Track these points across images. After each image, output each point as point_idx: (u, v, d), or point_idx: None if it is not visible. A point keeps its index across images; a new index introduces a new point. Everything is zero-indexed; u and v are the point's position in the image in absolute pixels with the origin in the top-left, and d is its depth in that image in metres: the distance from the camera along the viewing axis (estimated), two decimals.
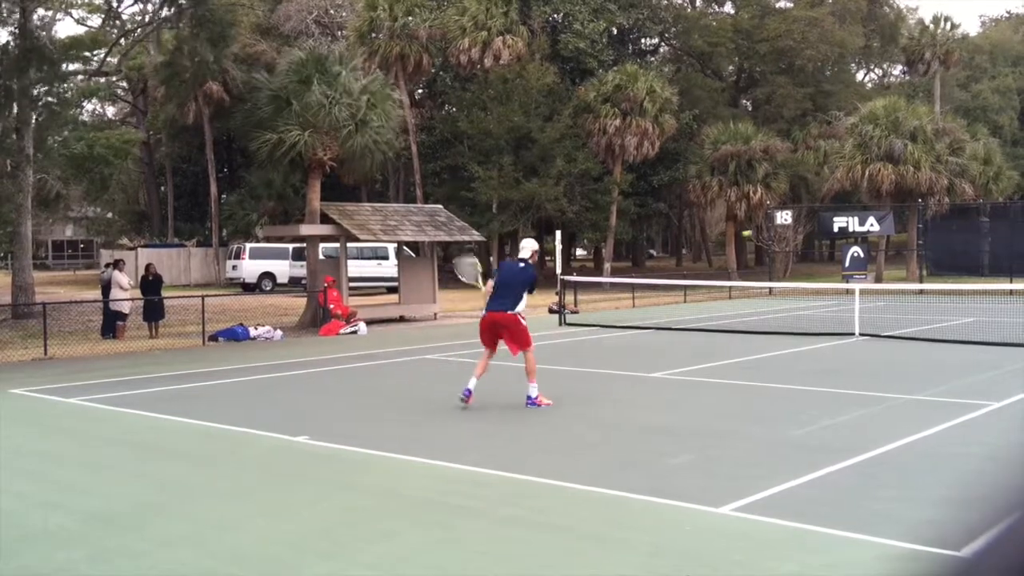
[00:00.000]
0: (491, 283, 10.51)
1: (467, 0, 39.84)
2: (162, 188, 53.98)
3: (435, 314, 24.26)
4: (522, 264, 10.48)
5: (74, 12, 51.15)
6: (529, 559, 5.31)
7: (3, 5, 23.92)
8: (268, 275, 38.50)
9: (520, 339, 10.10)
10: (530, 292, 10.31)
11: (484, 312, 10.34)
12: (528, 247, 10.71)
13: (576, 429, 9.16)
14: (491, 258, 44.50)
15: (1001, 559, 0.95)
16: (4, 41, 24.09)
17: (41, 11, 24.83)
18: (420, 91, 47.46)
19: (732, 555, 5.31)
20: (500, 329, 10.16)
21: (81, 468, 7.96)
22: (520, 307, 10.15)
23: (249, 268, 38.28)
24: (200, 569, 5.23)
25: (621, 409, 10.37)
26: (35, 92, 23.87)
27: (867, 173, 37.70)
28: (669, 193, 49.48)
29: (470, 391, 10.08)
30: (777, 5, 53.86)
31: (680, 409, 10.40)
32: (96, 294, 24.02)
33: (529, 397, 10.11)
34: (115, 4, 38.83)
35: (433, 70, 43.17)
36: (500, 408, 10.60)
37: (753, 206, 39.67)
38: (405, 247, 28.01)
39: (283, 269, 38.70)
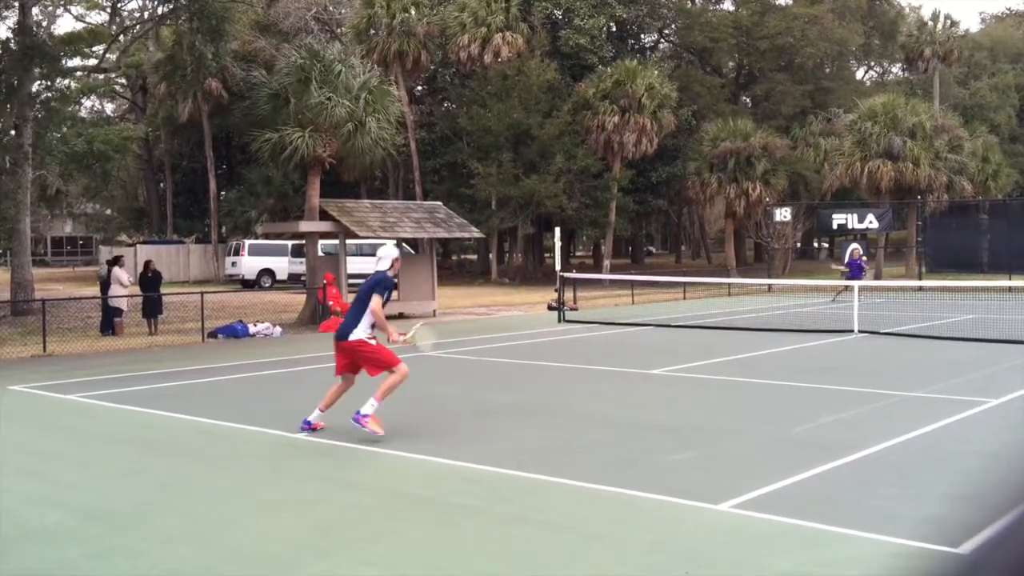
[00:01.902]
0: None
1: None
2: (161, 185, 53.98)
3: (434, 311, 24.25)
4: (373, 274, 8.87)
5: (73, 9, 51.18)
6: (528, 557, 5.31)
7: (1, 2, 23.89)
8: (267, 272, 38.50)
9: (374, 362, 8.68)
10: (384, 301, 8.78)
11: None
12: (386, 256, 8.94)
13: (575, 426, 9.16)
14: (490, 255, 44.52)
15: (1002, 556, 0.95)
16: (4, 38, 24.05)
17: (37, 10, 24.77)
18: (419, 88, 47.44)
19: (731, 552, 5.31)
20: (351, 355, 8.81)
21: (79, 465, 7.95)
22: (361, 329, 8.70)
23: (248, 265, 38.27)
24: (199, 566, 5.23)
25: (620, 406, 10.37)
26: (34, 89, 23.84)
27: (866, 170, 37.71)
28: (668, 190, 49.48)
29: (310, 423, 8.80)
30: (777, 2, 53.83)
31: (679, 406, 10.40)
32: (95, 291, 24.01)
33: (359, 412, 8.40)
34: (116, 1, 38.81)
35: (432, 67, 43.15)
36: (499, 406, 10.61)
37: (752, 203, 39.66)
38: (404, 244, 28.00)
39: (282, 266, 38.69)
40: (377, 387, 8.53)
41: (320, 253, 24.29)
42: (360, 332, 8.72)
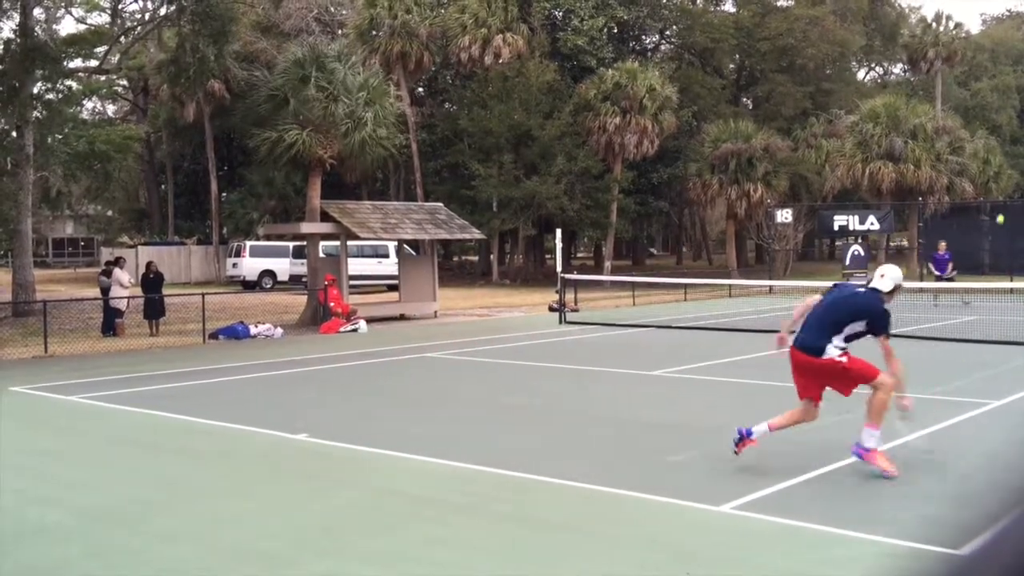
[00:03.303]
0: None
1: None
2: (162, 186, 54.00)
3: (435, 312, 24.25)
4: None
5: (74, 11, 51.21)
6: (527, 556, 5.31)
7: (4, 3, 23.91)
8: (268, 273, 38.51)
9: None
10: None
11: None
12: (892, 277, 7.48)
13: (575, 427, 9.16)
14: (492, 256, 44.51)
15: (1000, 558, 0.95)
16: (6, 39, 24.09)
17: (39, 11, 24.80)
18: (421, 89, 47.45)
19: (731, 553, 5.31)
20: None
21: (80, 465, 7.96)
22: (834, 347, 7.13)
23: (249, 266, 38.28)
24: (199, 565, 5.23)
25: (621, 407, 10.36)
26: (36, 90, 23.87)
27: (867, 171, 37.74)
28: (669, 191, 49.46)
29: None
30: (778, 4, 53.84)
31: (680, 407, 10.40)
32: (96, 292, 24.02)
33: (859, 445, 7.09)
34: (116, 2, 38.84)
35: (434, 68, 43.14)
36: (500, 407, 10.61)
37: (753, 204, 39.66)
38: (405, 245, 28.00)
39: (283, 267, 38.69)
40: (867, 414, 7.15)
41: (321, 254, 24.30)
42: (831, 352, 7.11)
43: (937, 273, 25.53)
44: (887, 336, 7.14)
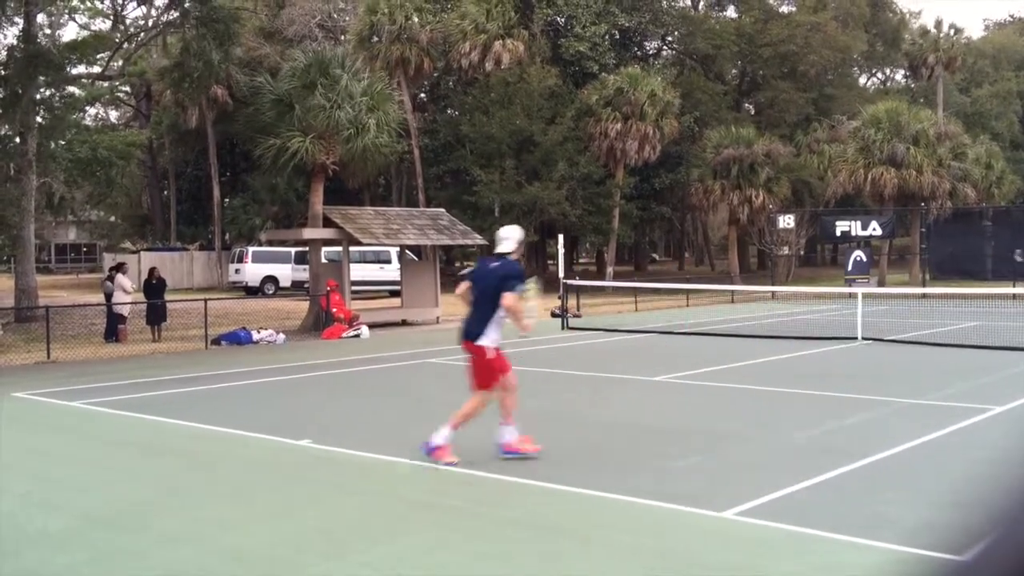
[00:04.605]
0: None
1: (466, 4, 39.89)
2: (165, 192, 54.07)
3: (437, 318, 24.25)
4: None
5: (78, 17, 51.34)
6: (529, 561, 5.31)
7: (8, 7, 23.97)
8: (271, 279, 38.54)
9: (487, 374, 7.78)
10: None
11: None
12: (510, 237, 8.00)
13: (578, 432, 9.15)
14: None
15: (1000, 562, 0.95)
16: (10, 45, 24.16)
17: (43, 17, 24.87)
18: (422, 95, 47.50)
19: (734, 558, 5.30)
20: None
21: (83, 470, 7.96)
22: (490, 336, 7.65)
23: (252, 272, 38.32)
24: (201, 569, 5.23)
25: (623, 412, 10.36)
26: (39, 96, 23.92)
27: (869, 177, 37.70)
28: (671, 196, 49.45)
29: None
30: (780, 10, 53.89)
31: (683, 413, 10.39)
32: (99, 297, 24.04)
33: (503, 442, 7.79)
34: (119, 8, 38.91)
35: (435, 74, 43.16)
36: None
37: (755, 210, 39.65)
38: (407, 251, 28.01)
39: (286, 273, 38.72)
40: (498, 411, 7.68)
41: (323, 260, 24.32)
42: (487, 340, 7.57)
43: None
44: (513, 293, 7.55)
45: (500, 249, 7.87)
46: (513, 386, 7.84)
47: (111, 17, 50.47)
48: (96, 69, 33.14)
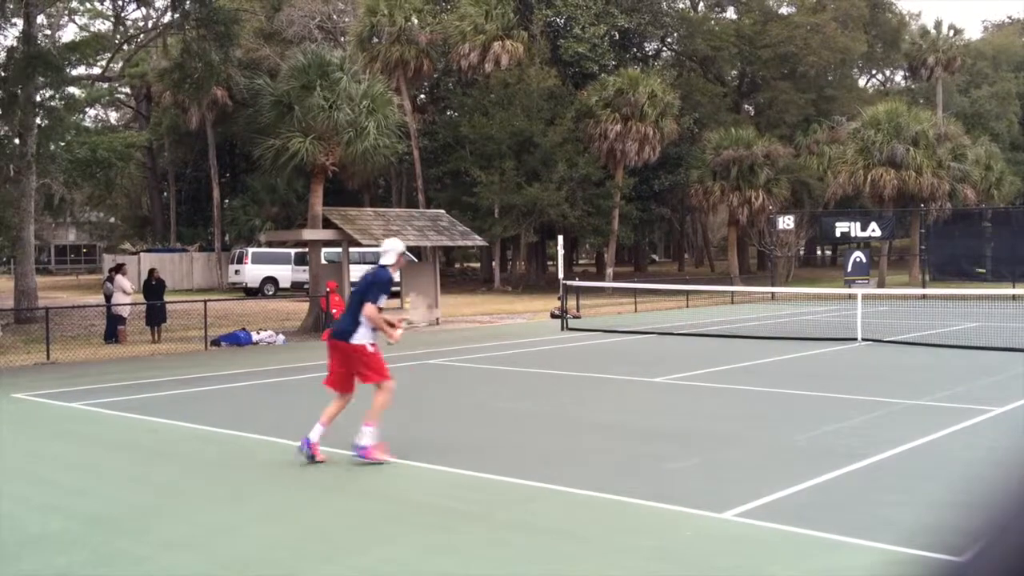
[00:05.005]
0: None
1: (465, 5, 39.91)
2: (165, 193, 54.10)
3: (437, 319, 24.25)
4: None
5: (77, 18, 51.35)
6: (529, 564, 5.30)
7: (8, 8, 23.97)
8: (270, 280, 38.55)
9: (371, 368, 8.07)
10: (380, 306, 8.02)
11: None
12: (391, 249, 8.30)
13: (577, 434, 9.15)
14: (493, 263, 44.54)
15: (998, 562, 0.95)
16: (9, 46, 24.16)
17: (42, 17, 24.86)
18: (422, 96, 47.51)
19: (733, 560, 5.30)
20: (347, 359, 8.17)
21: (82, 472, 7.96)
22: (362, 334, 8.00)
23: (251, 273, 38.33)
24: (200, 572, 5.23)
25: (623, 413, 10.36)
26: (39, 97, 23.92)
27: (869, 178, 37.75)
28: (671, 197, 49.46)
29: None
30: (780, 11, 53.90)
31: (682, 414, 10.39)
32: (98, 298, 24.05)
33: (359, 445, 7.87)
34: (119, 10, 38.89)
35: (435, 75, 43.18)
36: (502, 414, 10.60)
37: (755, 211, 39.68)
38: (408, 252, 27.99)
39: (285, 274, 38.74)
40: (367, 413, 7.89)
41: (323, 261, 24.32)
42: (361, 337, 7.95)
43: None
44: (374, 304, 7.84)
45: (381, 261, 8.17)
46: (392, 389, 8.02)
47: (111, 18, 50.48)
48: (96, 70, 33.13)
